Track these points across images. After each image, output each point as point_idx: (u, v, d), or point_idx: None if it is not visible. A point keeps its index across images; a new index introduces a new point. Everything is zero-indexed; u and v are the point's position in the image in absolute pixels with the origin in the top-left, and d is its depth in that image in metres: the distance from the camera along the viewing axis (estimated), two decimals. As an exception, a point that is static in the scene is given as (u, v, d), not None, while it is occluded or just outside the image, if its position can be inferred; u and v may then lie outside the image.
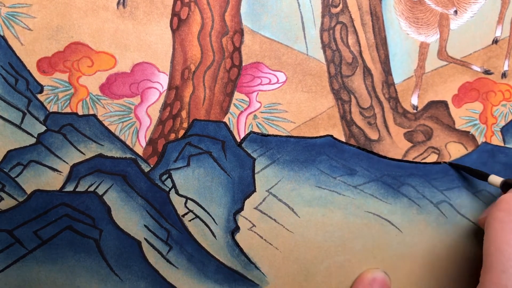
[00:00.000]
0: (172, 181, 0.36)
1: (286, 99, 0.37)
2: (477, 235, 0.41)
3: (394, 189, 0.39)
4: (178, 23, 0.35)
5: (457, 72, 0.40)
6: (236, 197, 0.37)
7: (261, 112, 0.37)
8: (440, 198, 0.40)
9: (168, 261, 0.37)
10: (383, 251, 0.39)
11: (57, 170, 0.35)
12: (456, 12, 0.39)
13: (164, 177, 0.36)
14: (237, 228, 0.37)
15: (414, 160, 0.39)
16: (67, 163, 0.35)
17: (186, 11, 0.35)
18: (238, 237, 0.37)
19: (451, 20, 0.39)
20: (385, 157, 0.39)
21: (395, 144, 0.39)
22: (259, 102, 0.37)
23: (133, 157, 0.36)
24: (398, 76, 0.39)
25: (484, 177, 0.38)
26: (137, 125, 0.36)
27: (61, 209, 0.35)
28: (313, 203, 0.38)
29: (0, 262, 0.35)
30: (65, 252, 0.35)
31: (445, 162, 0.40)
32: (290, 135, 0.37)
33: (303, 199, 0.38)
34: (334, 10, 0.37)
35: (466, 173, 0.40)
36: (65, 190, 0.35)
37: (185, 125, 0.36)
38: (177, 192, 0.36)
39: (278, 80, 0.37)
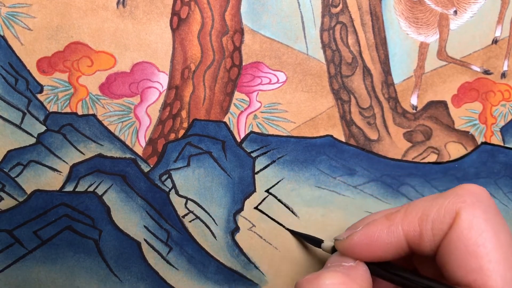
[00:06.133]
0: (172, 181, 0.36)
1: (286, 99, 0.37)
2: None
3: (393, 189, 0.39)
4: (178, 23, 0.35)
5: (456, 72, 0.40)
6: (236, 197, 0.37)
7: (261, 112, 0.37)
8: (440, 198, 0.40)
9: (168, 262, 0.36)
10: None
11: (57, 170, 0.35)
12: (455, 12, 0.39)
13: (164, 177, 0.36)
14: (237, 228, 0.37)
15: (413, 160, 0.39)
16: (66, 163, 0.35)
17: (186, 10, 0.35)
18: (238, 237, 0.37)
19: (450, 20, 0.39)
20: (384, 157, 0.39)
21: (394, 144, 0.39)
22: (259, 102, 0.37)
23: (132, 157, 0.36)
24: (397, 76, 0.39)
25: (318, 243, 0.34)
26: (136, 125, 0.36)
27: (61, 209, 0.35)
28: (313, 203, 0.38)
29: (0, 262, 0.35)
30: (64, 252, 0.35)
31: (287, 228, 0.38)
32: (290, 135, 0.37)
33: (303, 199, 0.38)
34: (334, 10, 0.37)
35: (303, 239, 0.37)
36: (64, 190, 0.35)
37: (185, 125, 0.36)
38: (177, 193, 0.36)
39: (278, 80, 0.37)
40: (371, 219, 0.30)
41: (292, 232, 0.38)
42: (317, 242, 0.34)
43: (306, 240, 0.37)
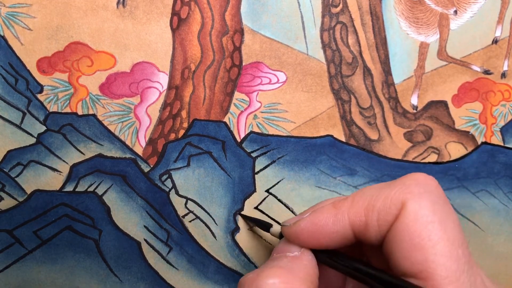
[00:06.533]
0: (172, 181, 0.36)
1: (286, 99, 0.37)
2: (476, 234, 0.41)
3: (394, 189, 0.39)
4: (178, 23, 0.35)
5: (456, 72, 0.40)
6: (236, 197, 0.37)
7: (261, 112, 0.37)
8: (440, 198, 0.40)
9: (168, 262, 0.36)
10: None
11: (57, 170, 0.35)
12: (456, 12, 0.39)
13: (164, 177, 0.36)
14: (237, 228, 0.37)
15: (414, 160, 0.39)
16: (67, 163, 0.35)
17: (186, 10, 0.35)
18: (238, 237, 0.37)
19: (451, 20, 0.39)
20: (385, 157, 0.39)
21: (395, 144, 0.39)
22: (259, 102, 0.37)
23: (132, 157, 0.36)
24: (398, 76, 0.39)
25: (267, 228, 0.34)
26: (136, 125, 0.36)
27: (61, 209, 0.35)
28: (313, 203, 0.38)
29: (0, 262, 0.35)
30: (64, 252, 0.35)
31: (240, 214, 0.37)
32: (290, 135, 0.37)
33: (303, 199, 0.38)
34: (334, 10, 0.37)
35: (254, 224, 0.37)
36: (65, 190, 0.35)
37: (185, 125, 0.36)
38: (177, 193, 0.36)
39: (278, 80, 0.37)
40: (319, 206, 0.29)
41: (244, 217, 0.37)
42: (266, 226, 0.34)
43: (256, 225, 0.36)
